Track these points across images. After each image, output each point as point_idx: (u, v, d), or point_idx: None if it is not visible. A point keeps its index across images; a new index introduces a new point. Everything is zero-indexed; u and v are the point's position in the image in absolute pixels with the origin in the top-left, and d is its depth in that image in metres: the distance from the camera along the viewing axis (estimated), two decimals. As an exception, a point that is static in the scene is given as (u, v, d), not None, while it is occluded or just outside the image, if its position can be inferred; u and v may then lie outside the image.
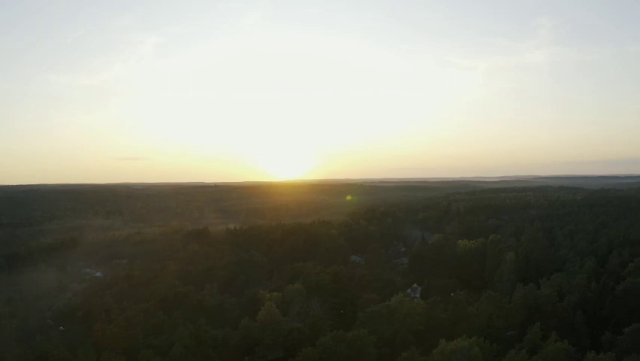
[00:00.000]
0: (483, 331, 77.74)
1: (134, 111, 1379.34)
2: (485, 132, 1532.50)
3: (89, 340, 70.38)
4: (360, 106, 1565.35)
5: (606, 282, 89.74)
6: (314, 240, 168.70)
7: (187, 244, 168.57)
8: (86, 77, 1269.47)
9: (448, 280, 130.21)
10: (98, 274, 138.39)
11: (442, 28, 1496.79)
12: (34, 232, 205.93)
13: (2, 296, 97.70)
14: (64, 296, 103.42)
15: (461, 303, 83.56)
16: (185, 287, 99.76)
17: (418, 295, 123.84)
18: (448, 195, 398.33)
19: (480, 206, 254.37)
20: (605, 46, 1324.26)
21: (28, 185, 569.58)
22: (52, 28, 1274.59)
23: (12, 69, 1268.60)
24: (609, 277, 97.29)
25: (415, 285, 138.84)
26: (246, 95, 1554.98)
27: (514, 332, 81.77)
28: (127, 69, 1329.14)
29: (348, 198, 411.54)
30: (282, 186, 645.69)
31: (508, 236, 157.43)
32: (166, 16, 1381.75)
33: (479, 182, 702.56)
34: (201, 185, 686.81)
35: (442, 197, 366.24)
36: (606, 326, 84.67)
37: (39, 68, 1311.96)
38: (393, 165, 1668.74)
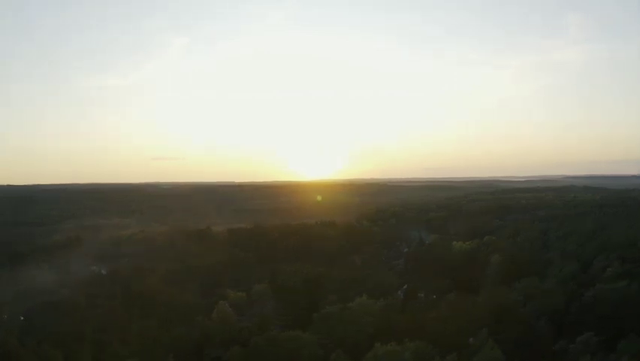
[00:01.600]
0: (435, 335, 76.59)
1: (164, 111, 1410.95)
2: (515, 131, 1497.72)
3: (45, 333, 72.61)
4: (388, 105, 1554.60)
5: (575, 288, 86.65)
6: (311, 240, 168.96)
7: (185, 243, 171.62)
8: (117, 78, 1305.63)
9: (438, 281, 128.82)
10: (103, 271, 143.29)
11: (469, 26, 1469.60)
12: (47, 230, 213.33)
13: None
14: (51, 293, 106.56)
15: (421, 306, 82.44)
16: (163, 286, 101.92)
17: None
18: (468, 195, 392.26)
19: (493, 206, 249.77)
20: (636, 43, 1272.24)
21: (59, 184, 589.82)
22: (85, 31, 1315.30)
23: (44, 71, 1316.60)
24: (584, 282, 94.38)
25: (405, 286, 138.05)
26: (275, 94, 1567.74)
27: (473, 338, 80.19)
28: (156, 70, 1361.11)
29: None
30: (308, 185, 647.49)
31: (507, 237, 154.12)
32: (194, 16, 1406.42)
33: (507, 181, 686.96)
34: (226, 184, 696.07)
35: (461, 197, 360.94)
36: (573, 334, 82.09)
37: (70, 70, 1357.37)
38: (422, 165, 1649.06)
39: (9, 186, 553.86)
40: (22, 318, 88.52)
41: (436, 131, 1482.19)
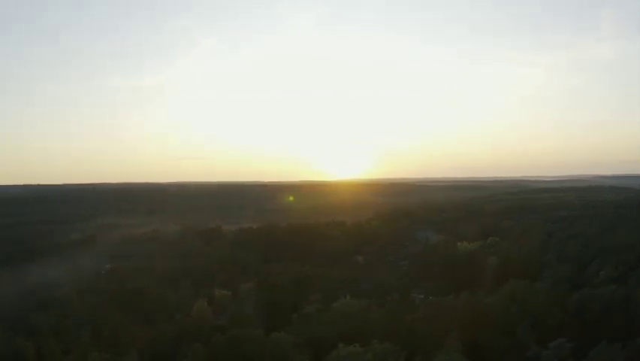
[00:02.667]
0: (408, 337, 76.04)
1: (191, 111, 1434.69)
2: (546, 130, 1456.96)
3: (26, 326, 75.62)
4: (416, 105, 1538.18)
5: (562, 291, 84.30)
6: (315, 240, 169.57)
7: (193, 242, 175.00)
8: (144, 79, 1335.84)
9: (438, 282, 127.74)
10: (107, 266, 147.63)
11: (499, 23, 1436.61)
12: (69, 229, 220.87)
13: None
14: (51, 289, 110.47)
15: (398, 307, 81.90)
16: (155, 284, 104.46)
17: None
18: (493, 195, 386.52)
19: (511, 207, 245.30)
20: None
21: (89, 184, 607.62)
22: (113, 32, 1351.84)
23: (74, 72, 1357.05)
24: (576, 285, 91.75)
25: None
26: (302, 94, 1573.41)
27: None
28: (184, 70, 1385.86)
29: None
30: (334, 185, 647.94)
31: (513, 239, 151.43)
32: (223, 17, 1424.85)
33: (537, 181, 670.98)
34: (252, 184, 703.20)
35: (485, 197, 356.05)
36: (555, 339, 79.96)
37: (101, 71, 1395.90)
38: (450, 165, 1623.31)
39: (40, 186, 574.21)
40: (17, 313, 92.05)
41: (466, 130, 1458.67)
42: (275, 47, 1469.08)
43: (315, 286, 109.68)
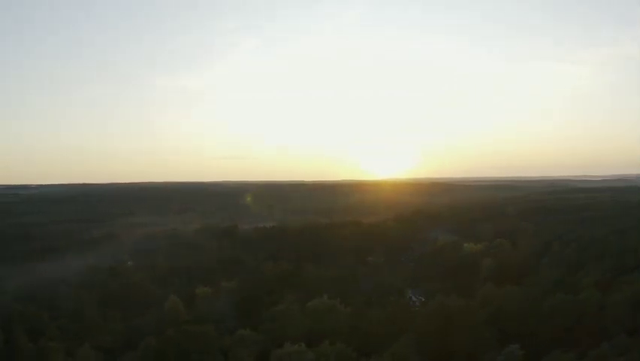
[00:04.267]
0: (365, 338, 76.04)
1: (235, 111, 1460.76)
2: (593, 127, 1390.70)
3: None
4: (460, 103, 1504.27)
5: (535, 297, 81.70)
6: (324, 240, 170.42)
7: (207, 240, 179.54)
8: (189, 79, 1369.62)
9: (436, 283, 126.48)
10: (130, 262, 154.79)
11: (542, 20, 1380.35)
12: (95, 227, 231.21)
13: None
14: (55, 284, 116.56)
15: (362, 308, 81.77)
16: (147, 281, 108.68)
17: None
18: (528, 195, 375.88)
19: (537, 208, 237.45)
20: None
21: (132, 183, 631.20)
22: (157, 32, 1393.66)
23: (119, 73, 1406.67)
24: (562, 289, 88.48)
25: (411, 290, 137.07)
26: (347, 92, 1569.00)
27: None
28: (228, 70, 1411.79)
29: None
30: (374, 184, 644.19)
31: (520, 240, 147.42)
32: (265, 17, 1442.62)
33: (580, 180, 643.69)
34: (292, 183, 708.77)
35: (518, 197, 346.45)
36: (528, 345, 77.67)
37: (145, 72, 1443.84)
38: (496, 163, 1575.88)
39: (84, 185, 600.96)
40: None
41: (510, 129, 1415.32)
42: (316, 47, 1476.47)
43: (302, 285, 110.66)
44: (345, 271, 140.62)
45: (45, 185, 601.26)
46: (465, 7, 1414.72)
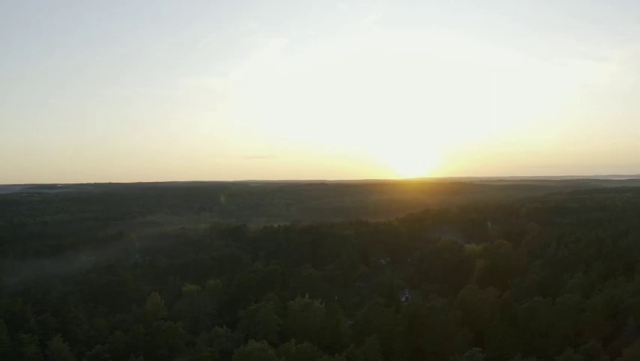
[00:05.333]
0: (332, 336, 76.46)
1: (260, 111, 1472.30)
2: (621, 125, 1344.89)
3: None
4: (486, 103, 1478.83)
5: (508, 301, 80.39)
6: (326, 240, 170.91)
7: (213, 239, 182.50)
8: (213, 80, 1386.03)
9: (432, 284, 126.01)
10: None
11: (567, 18, 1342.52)
12: (110, 225, 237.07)
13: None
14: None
15: (335, 309, 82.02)
16: (136, 278, 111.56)
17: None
18: (548, 195, 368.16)
19: (550, 208, 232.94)
20: None
21: (157, 183, 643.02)
22: (186, 34, 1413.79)
23: (148, 74, 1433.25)
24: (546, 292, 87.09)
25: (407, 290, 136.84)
26: (371, 93, 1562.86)
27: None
28: (253, 71, 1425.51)
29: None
30: (394, 184, 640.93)
31: (522, 241, 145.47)
32: (289, 18, 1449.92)
33: (605, 180, 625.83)
34: (312, 183, 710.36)
35: (536, 197, 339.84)
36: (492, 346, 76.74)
37: (171, 72, 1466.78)
38: (521, 163, 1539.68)
39: (110, 184, 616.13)
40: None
41: (536, 127, 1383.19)
42: (341, 47, 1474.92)
43: (288, 284, 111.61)
44: (342, 271, 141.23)
45: (72, 184, 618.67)
46: (488, 5, 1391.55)
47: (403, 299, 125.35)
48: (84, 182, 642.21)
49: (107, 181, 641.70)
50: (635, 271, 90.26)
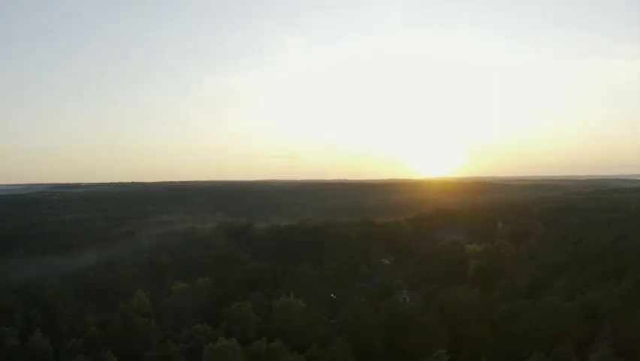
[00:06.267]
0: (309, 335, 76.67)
1: (282, 110, 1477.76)
2: None
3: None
4: (510, 102, 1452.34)
5: (487, 303, 79.42)
6: (329, 239, 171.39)
7: (218, 238, 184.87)
8: (237, 79, 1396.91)
9: (437, 285, 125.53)
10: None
11: (592, 16, 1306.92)
12: (123, 224, 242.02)
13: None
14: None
15: (314, 309, 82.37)
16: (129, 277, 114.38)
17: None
18: (564, 194, 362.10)
19: (563, 208, 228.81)
20: None
21: (179, 182, 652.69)
22: (209, 34, 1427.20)
23: (172, 74, 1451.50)
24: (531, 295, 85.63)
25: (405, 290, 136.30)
26: (393, 93, 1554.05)
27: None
28: (275, 70, 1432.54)
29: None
30: (414, 184, 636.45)
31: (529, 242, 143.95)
32: (312, 17, 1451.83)
33: (626, 180, 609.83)
34: (332, 182, 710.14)
35: (552, 197, 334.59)
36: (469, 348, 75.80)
37: (195, 72, 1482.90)
38: (543, 162, 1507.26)
39: (134, 184, 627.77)
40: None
41: (560, 126, 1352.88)
42: (362, 46, 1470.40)
43: (279, 283, 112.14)
44: (340, 271, 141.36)
45: (95, 184, 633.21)
46: (512, 5, 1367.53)
47: (400, 300, 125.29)
48: (107, 181, 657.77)
49: (129, 181, 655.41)
50: (626, 273, 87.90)
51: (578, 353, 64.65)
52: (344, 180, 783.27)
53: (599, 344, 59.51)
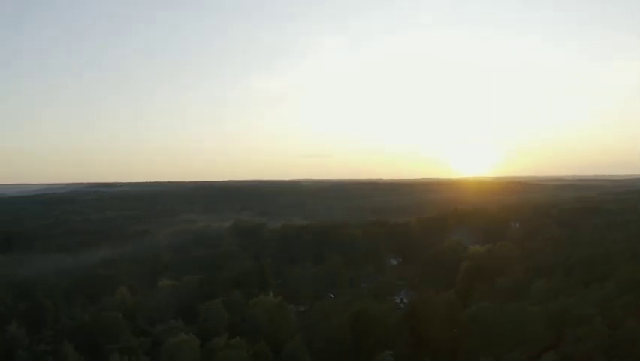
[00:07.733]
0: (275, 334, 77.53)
1: (318, 111, 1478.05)
2: None
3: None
4: (547, 102, 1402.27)
5: (453, 305, 78.10)
6: (331, 239, 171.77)
7: (229, 237, 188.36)
8: (275, 80, 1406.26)
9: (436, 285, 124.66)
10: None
11: (628, 17, 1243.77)
12: (144, 223, 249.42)
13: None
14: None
15: (282, 305, 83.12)
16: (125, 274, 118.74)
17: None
18: (596, 195, 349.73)
19: (590, 209, 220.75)
20: None
21: (211, 181, 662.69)
22: (244, 34, 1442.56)
23: (206, 74, 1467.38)
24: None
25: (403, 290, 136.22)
26: (430, 91, 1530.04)
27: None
28: (310, 70, 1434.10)
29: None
30: (447, 183, 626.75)
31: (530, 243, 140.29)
32: (348, 16, 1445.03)
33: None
34: (363, 182, 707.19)
35: (583, 197, 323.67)
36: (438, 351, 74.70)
37: (230, 72, 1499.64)
38: (581, 162, 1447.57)
39: (167, 183, 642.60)
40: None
41: (597, 126, 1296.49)
42: (397, 46, 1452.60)
43: (270, 283, 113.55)
44: (340, 271, 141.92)
45: (131, 183, 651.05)
46: (548, 5, 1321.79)
47: (398, 300, 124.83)
48: (143, 181, 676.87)
49: (165, 180, 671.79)
50: (610, 278, 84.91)
51: (535, 359, 63.12)
52: (378, 179, 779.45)
53: (545, 353, 57.77)
